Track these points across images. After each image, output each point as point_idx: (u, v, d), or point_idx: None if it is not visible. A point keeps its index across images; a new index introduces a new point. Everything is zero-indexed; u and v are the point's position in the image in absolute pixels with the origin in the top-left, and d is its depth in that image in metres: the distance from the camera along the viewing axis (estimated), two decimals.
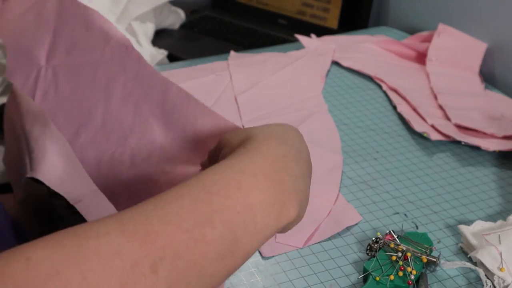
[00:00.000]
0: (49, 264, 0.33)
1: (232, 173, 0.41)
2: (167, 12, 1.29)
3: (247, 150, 0.45)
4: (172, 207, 0.38)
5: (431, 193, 0.75)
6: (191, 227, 0.37)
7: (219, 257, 0.38)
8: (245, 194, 0.40)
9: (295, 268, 0.62)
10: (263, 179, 0.42)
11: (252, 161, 0.43)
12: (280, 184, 0.43)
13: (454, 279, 0.62)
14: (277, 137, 0.47)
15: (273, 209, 0.42)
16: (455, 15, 1.12)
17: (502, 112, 0.92)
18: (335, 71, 1.03)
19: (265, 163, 0.43)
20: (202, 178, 0.41)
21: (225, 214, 0.39)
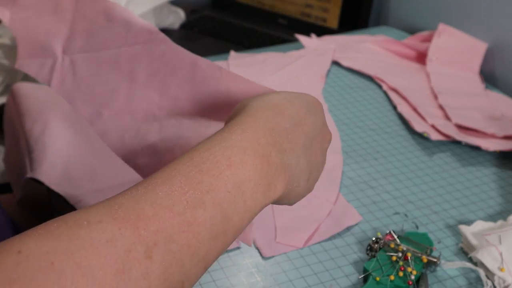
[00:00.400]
0: (42, 255, 0.32)
1: (222, 149, 0.41)
2: (167, 12, 1.28)
3: (238, 122, 0.44)
4: (163, 190, 0.38)
5: (432, 193, 0.75)
6: (183, 210, 0.37)
7: (211, 237, 0.38)
8: (234, 172, 0.40)
9: (295, 268, 0.62)
10: (251, 154, 0.42)
11: (242, 135, 0.43)
12: (267, 160, 0.42)
13: (454, 279, 0.62)
14: (273, 108, 0.46)
15: (261, 186, 0.42)
16: (455, 15, 1.12)
17: (503, 112, 0.92)
18: (335, 71, 1.03)
19: (253, 137, 0.43)
20: (193, 156, 0.41)
21: (216, 194, 0.39)
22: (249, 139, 0.43)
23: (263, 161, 0.42)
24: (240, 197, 0.40)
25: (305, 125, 0.47)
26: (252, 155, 0.42)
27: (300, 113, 0.48)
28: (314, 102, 0.50)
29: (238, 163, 0.41)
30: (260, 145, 0.43)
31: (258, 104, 0.47)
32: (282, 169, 0.44)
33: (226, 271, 0.61)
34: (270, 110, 0.46)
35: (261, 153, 0.42)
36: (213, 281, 0.60)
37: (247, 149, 0.42)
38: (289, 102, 0.48)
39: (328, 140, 0.52)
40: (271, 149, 0.43)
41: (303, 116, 0.48)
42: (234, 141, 0.42)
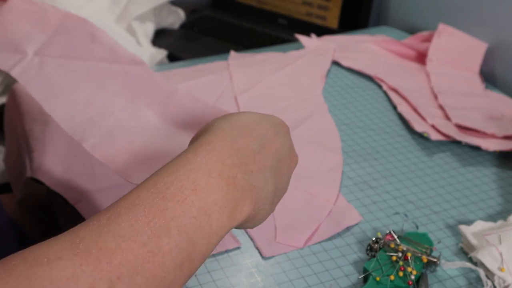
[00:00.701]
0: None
1: (186, 172, 0.40)
2: (167, 12, 1.28)
3: (203, 143, 0.43)
4: (126, 220, 0.37)
5: (432, 193, 0.75)
6: (147, 240, 0.36)
7: (177, 265, 0.38)
8: (200, 196, 0.39)
9: (295, 268, 0.62)
10: (217, 176, 0.41)
11: (207, 157, 0.42)
12: (233, 181, 0.41)
13: (454, 279, 0.62)
14: (240, 128, 0.45)
15: (227, 208, 0.41)
16: (455, 15, 1.12)
17: (503, 112, 0.92)
18: (335, 71, 1.03)
19: (219, 158, 0.42)
20: (156, 181, 0.40)
21: (181, 220, 0.38)
22: (215, 161, 0.42)
23: (229, 182, 0.41)
24: (206, 221, 0.39)
25: (272, 146, 0.47)
26: (218, 177, 0.41)
27: (268, 135, 0.47)
28: (281, 124, 0.50)
29: (203, 186, 0.40)
30: (226, 166, 0.42)
31: (224, 124, 0.46)
32: (249, 190, 0.43)
33: (226, 271, 0.61)
34: (237, 131, 0.45)
35: (227, 175, 0.41)
36: (213, 281, 0.60)
37: (213, 171, 0.41)
38: (257, 123, 0.47)
39: (295, 164, 0.51)
40: (237, 170, 0.42)
41: (271, 138, 0.47)
42: (199, 163, 0.41)
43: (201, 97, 0.90)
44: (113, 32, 1.11)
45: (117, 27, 1.13)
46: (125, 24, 1.15)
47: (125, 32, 1.13)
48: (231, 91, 0.93)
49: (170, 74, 0.98)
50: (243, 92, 0.93)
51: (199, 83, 0.94)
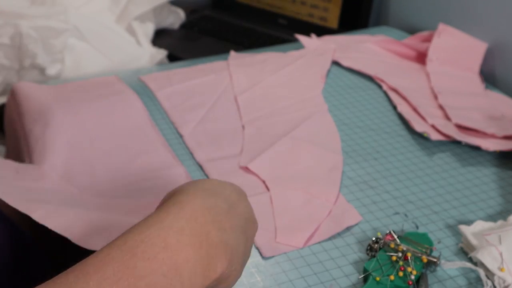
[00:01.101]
0: None
1: (157, 231, 0.40)
2: (167, 12, 1.29)
3: (174, 203, 0.43)
4: (94, 279, 0.36)
5: (431, 193, 0.75)
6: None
7: None
8: (170, 254, 0.39)
9: (295, 268, 0.62)
10: (189, 234, 0.40)
11: (179, 215, 0.41)
12: (206, 238, 0.41)
13: (454, 279, 0.62)
14: (208, 190, 0.45)
15: (200, 266, 0.40)
16: (455, 15, 1.12)
17: (503, 112, 0.92)
18: (335, 71, 1.03)
19: (191, 216, 0.41)
20: (127, 239, 0.39)
21: (151, 279, 0.37)
22: (187, 218, 0.41)
23: (201, 240, 0.41)
24: (177, 280, 0.39)
25: (238, 208, 0.47)
26: (190, 235, 0.40)
27: (233, 197, 0.47)
28: (241, 191, 0.50)
29: (174, 244, 0.39)
30: (198, 224, 0.41)
31: (193, 187, 0.45)
32: (223, 248, 0.42)
33: None
34: (206, 191, 0.45)
35: (199, 232, 0.41)
36: None
37: (184, 229, 0.40)
38: (221, 186, 0.47)
39: (256, 229, 0.50)
40: (210, 228, 0.42)
41: (235, 200, 0.47)
42: (171, 221, 0.41)
43: (200, 98, 0.90)
44: (113, 32, 1.11)
45: (117, 27, 1.13)
46: (125, 24, 1.15)
47: (125, 32, 1.13)
48: (231, 91, 0.93)
49: (170, 74, 0.98)
50: (243, 92, 0.93)
51: (199, 83, 0.94)
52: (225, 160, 0.78)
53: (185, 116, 0.87)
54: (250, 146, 0.81)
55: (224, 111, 0.89)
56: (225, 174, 0.75)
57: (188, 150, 0.80)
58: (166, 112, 0.88)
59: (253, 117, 0.87)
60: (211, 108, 0.89)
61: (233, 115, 0.88)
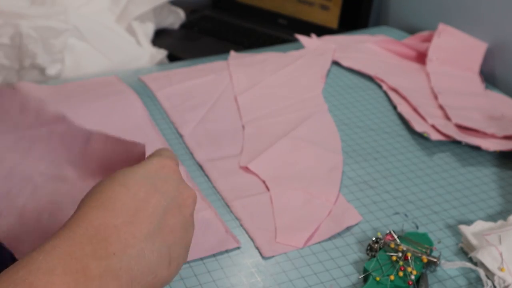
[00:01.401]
0: None
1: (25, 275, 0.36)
2: (167, 12, 1.29)
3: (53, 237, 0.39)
4: None
5: (432, 193, 0.75)
6: None
7: None
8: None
9: (295, 268, 0.62)
10: (61, 273, 0.37)
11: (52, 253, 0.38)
12: (83, 274, 0.37)
13: (454, 279, 0.62)
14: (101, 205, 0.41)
15: None
16: (455, 15, 1.12)
17: (503, 112, 0.92)
18: (335, 71, 1.03)
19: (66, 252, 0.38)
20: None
21: None
22: (60, 256, 0.37)
23: (77, 277, 0.37)
24: None
25: (147, 208, 0.42)
26: (63, 274, 0.36)
27: (140, 196, 0.43)
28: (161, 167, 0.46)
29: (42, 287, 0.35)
30: (73, 259, 0.37)
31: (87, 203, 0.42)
32: (111, 276, 0.38)
33: (226, 271, 0.61)
34: (94, 209, 0.41)
35: (74, 269, 0.37)
36: (213, 281, 0.60)
37: (56, 268, 0.37)
38: (124, 186, 0.43)
39: (191, 201, 0.46)
40: (88, 260, 0.38)
41: (143, 198, 0.43)
42: (41, 262, 0.37)
43: (201, 98, 0.90)
44: (113, 32, 1.11)
45: (117, 27, 1.13)
46: (125, 24, 1.15)
47: (125, 32, 1.13)
48: (231, 91, 0.93)
49: (170, 74, 0.98)
50: (243, 92, 0.93)
51: (199, 83, 0.94)
52: (225, 160, 0.78)
53: (185, 116, 0.87)
54: (250, 146, 0.81)
55: (224, 111, 0.89)
56: (225, 174, 0.75)
57: (188, 150, 0.80)
58: (166, 112, 0.88)
59: (253, 117, 0.87)
60: (211, 108, 0.89)
61: (233, 115, 0.88)
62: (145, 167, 0.45)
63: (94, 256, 0.38)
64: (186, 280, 0.60)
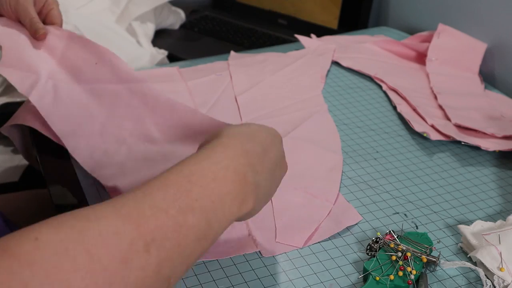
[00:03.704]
0: (57, 243, 0.37)
1: (208, 164, 0.46)
2: (167, 12, 1.29)
3: (219, 143, 0.49)
4: (159, 195, 0.43)
5: (431, 193, 0.75)
6: (176, 213, 0.42)
7: (196, 239, 0.43)
8: (218, 185, 0.46)
9: (295, 268, 0.63)
10: (232, 171, 0.47)
11: (224, 154, 0.48)
12: (243, 177, 0.48)
13: (454, 279, 0.62)
14: (247, 134, 0.52)
15: (237, 200, 0.47)
16: (455, 15, 1.12)
17: (502, 112, 0.92)
18: (335, 71, 1.03)
19: (234, 156, 0.48)
20: (183, 169, 0.46)
21: (202, 202, 0.44)
22: (230, 158, 0.48)
23: (240, 178, 0.47)
24: (221, 207, 0.45)
25: (271, 152, 0.53)
26: (233, 172, 0.47)
27: (268, 141, 0.53)
28: (276, 134, 0.56)
29: (222, 177, 0.46)
30: (239, 164, 0.48)
31: (233, 131, 0.52)
32: (255, 187, 0.49)
33: (226, 271, 0.62)
34: (245, 135, 0.51)
35: (239, 171, 0.47)
36: (213, 281, 0.60)
37: (229, 166, 0.47)
38: (258, 131, 0.54)
39: (285, 171, 0.56)
40: (247, 169, 0.48)
41: (269, 144, 0.53)
42: (218, 158, 0.47)
43: (201, 98, 0.90)
44: (113, 32, 1.11)
45: (117, 27, 1.13)
46: (126, 24, 1.15)
47: (126, 32, 1.13)
48: (231, 91, 0.93)
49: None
50: (243, 92, 0.93)
51: (199, 83, 0.94)
52: None
53: None
54: None
55: (224, 111, 0.89)
56: None
57: None
58: None
59: (253, 117, 0.87)
60: (211, 108, 0.89)
61: (233, 115, 0.88)
62: (268, 128, 0.56)
63: (249, 167, 0.49)
64: (186, 280, 0.60)
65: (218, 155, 0.48)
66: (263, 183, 0.50)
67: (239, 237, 0.65)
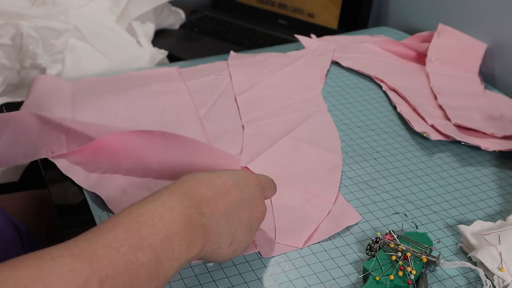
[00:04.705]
0: (17, 279, 0.39)
1: (154, 206, 0.49)
2: (167, 12, 1.29)
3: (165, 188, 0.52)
4: (110, 235, 0.45)
5: (431, 193, 0.75)
6: (127, 251, 0.44)
7: (148, 277, 0.46)
8: (165, 224, 0.48)
9: (295, 268, 0.63)
10: (178, 212, 0.49)
11: (170, 197, 0.51)
12: (189, 218, 0.50)
13: (454, 279, 0.62)
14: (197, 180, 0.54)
15: (185, 239, 0.49)
16: (455, 15, 1.12)
17: (502, 112, 0.92)
18: (335, 71, 1.03)
19: (179, 199, 0.51)
20: (131, 210, 0.48)
21: (152, 241, 0.46)
22: (175, 200, 0.50)
23: (186, 218, 0.50)
24: (169, 246, 0.47)
25: (229, 195, 0.55)
26: (178, 213, 0.49)
27: (226, 185, 0.55)
28: (248, 177, 0.58)
29: (168, 217, 0.48)
30: (184, 206, 0.50)
31: (186, 177, 0.55)
32: (202, 228, 0.51)
33: (226, 271, 0.62)
34: (196, 181, 0.54)
35: (184, 212, 0.50)
36: (213, 281, 0.60)
37: (175, 208, 0.49)
38: (218, 176, 0.56)
39: (261, 212, 0.58)
40: (192, 211, 0.51)
41: (229, 188, 0.55)
42: (164, 200, 0.50)
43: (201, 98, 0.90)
44: (113, 32, 1.11)
45: (117, 27, 1.13)
46: (126, 24, 1.15)
47: (126, 32, 1.13)
48: (231, 91, 0.93)
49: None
50: (243, 92, 0.93)
51: (199, 83, 0.94)
52: None
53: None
54: (249, 146, 0.81)
55: (224, 111, 0.89)
56: None
57: None
58: None
59: (253, 117, 0.87)
60: (211, 108, 0.89)
61: (233, 115, 0.88)
62: (239, 172, 0.59)
63: (195, 209, 0.51)
64: (186, 280, 0.60)
65: (164, 197, 0.50)
66: (214, 226, 0.52)
67: None
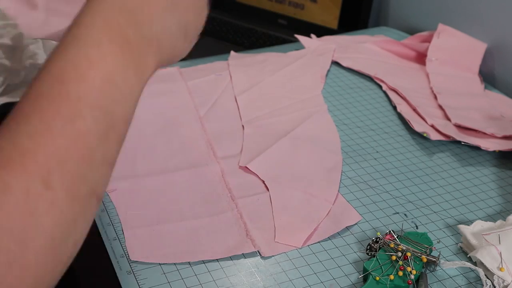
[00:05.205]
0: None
1: (77, 51, 0.39)
2: None
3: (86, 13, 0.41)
4: (35, 117, 0.36)
5: (431, 193, 0.75)
6: (62, 129, 0.36)
7: (101, 138, 0.38)
8: (97, 68, 0.38)
9: (295, 268, 0.63)
10: (107, 44, 0.40)
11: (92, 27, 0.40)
12: (126, 41, 0.40)
13: (454, 278, 0.62)
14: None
15: (130, 68, 0.40)
16: (455, 15, 1.12)
17: (502, 112, 0.92)
18: (335, 71, 1.03)
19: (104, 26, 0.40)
20: (51, 69, 0.38)
21: (88, 98, 0.37)
22: (100, 29, 0.40)
23: (122, 44, 0.40)
24: (113, 89, 0.39)
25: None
26: (108, 44, 0.40)
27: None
28: None
29: (97, 58, 0.39)
30: (113, 30, 0.40)
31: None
32: (147, 42, 0.42)
33: (226, 271, 0.62)
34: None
35: (117, 37, 0.40)
36: (213, 280, 0.60)
37: (102, 40, 0.39)
38: None
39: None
40: (126, 29, 0.41)
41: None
42: (87, 36, 0.39)
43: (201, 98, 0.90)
44: None
45: None
46: None
47: None
48: (231, 91, 0.93)
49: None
50: (243, 92, 0.93)
51: (199, 83, 0.94)
52: (224, 160, 0.78)
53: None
54: (249, 146, 0.81)
55: (224, 111, 0.89)
56: (225, 173, 0.75)
57: None
58: None
59: (252, 117, 0.87)
60: (211, 108, 0.89)
61: (233, 115, 0.88)
62: None
63: (129, 25, 0.41)
64: (186, 280, 0.60)
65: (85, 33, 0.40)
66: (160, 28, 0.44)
67: (238, 237, 0.65)
